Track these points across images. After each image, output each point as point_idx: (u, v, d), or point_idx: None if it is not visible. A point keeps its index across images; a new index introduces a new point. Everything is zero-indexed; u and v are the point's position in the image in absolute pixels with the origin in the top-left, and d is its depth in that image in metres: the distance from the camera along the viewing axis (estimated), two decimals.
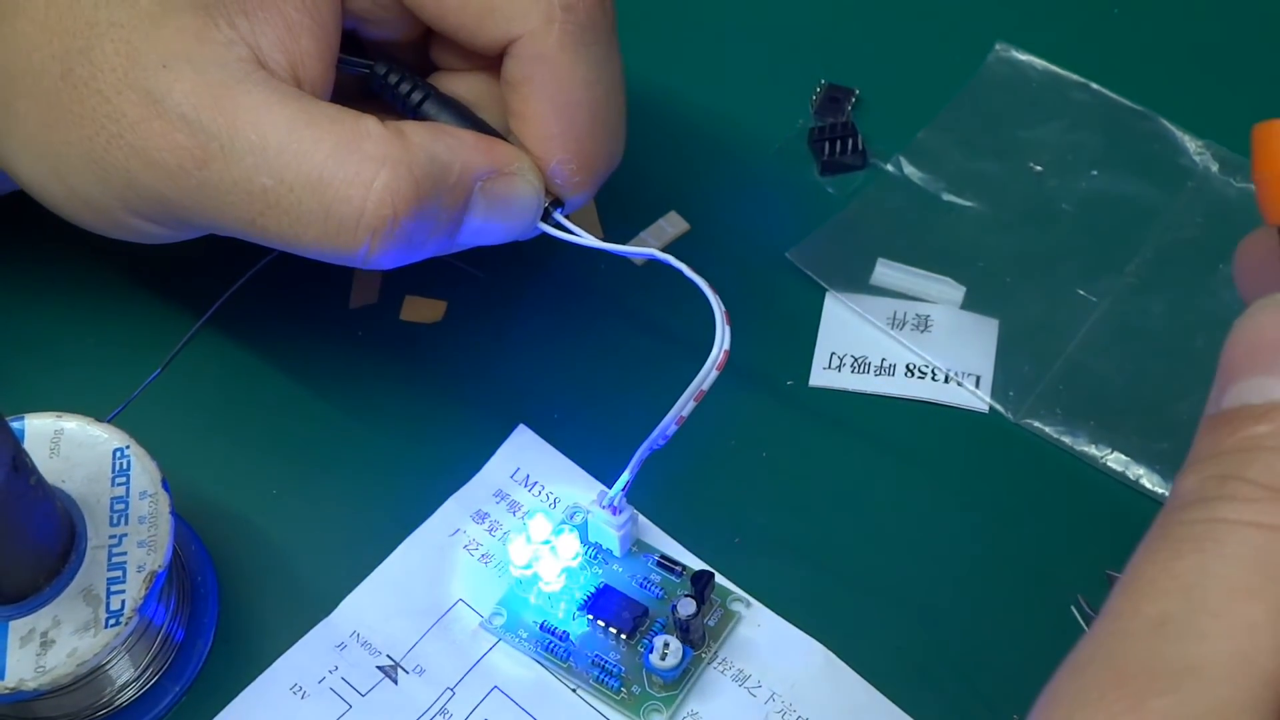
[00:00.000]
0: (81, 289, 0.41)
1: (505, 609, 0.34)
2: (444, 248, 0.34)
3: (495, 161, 0.33)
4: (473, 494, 0.37)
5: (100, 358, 0.40)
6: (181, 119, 0.31)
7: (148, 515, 0.32)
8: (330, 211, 0.31)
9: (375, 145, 0.31)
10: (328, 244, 0.32)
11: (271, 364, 0.40)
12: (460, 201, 0.33)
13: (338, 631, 0.34)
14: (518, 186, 0.33)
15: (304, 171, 0.31)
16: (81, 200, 0.33)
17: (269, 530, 0.37)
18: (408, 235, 0.32)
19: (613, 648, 0.34)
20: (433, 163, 0.32)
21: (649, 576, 0.35)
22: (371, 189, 0.31)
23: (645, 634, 0.34)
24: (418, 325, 0.40)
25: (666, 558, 0.35)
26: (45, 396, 0.36)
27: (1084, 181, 0.42)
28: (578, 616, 0.34)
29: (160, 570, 0.31)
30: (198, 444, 0.38)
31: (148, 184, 0.32)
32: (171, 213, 0.33)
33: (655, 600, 0.34)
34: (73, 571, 0.31)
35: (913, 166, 0.43)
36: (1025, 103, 0.44)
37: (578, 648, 0.34)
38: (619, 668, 0.33)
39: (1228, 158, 0.42)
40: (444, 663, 0.34)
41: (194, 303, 0.40)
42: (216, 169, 0.31)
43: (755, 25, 0.47)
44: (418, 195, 0.31)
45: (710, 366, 0.31)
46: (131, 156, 0.32)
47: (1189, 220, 0.41)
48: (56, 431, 0.33)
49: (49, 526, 0.31)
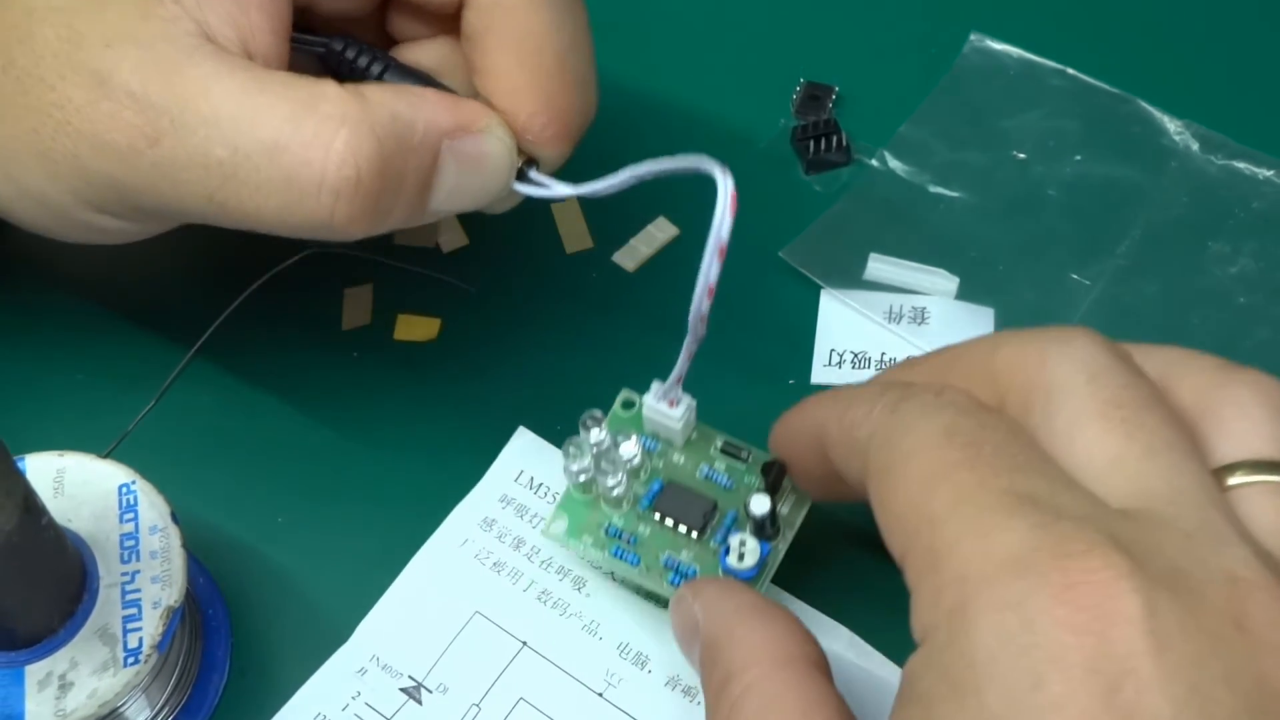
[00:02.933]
0: (67, 325, 0.40)
1: (566, 514, 0.33)
2: (416, 215, 0.32)
3: (461, 119, 0.32)
4: (478, 502, 0.36)
5: (91, 394, 0.39)
6: (129, 96, 0.30)
7: (159, 550, 0.32)
8: (291, 177, 0.30)
9: (333, 105, 0.30)
10: (292, 212, 0.30)
11: (266, 390, 0.39)
12: (428, 162, 0.31)
13: (357, 656, 0.34)
14: (488, 144, 0.32)
15: (260, 138, 0.30)
16: (34, 199, 0.32)
17: (277, 558, 0.36)
18: (374, 198, 0.30)
19: (684, 546, 0.32)
20: (395, 120, 0.30)
21: (714, 465, 0.33)
22: (332, 149, 0.30)
23: (716, 528, 0.32)
24: (412, 344, 0.40)
25: (731, 443, 0.34)
26: (38, 436, 0.35)
27: (1068, 167, 0.42)
28: (643, 516, 0.33)
29: (177, 605, 0.31)
30: (197, 475, 0.37)
31: (99, 169, 0.31)
32: (127, 199, 0.32)
33: (724, 490, 0.33)
34: (86, 612, 0.31)
35: (897, 160, 0.43)
36: (1004, 92, 0.44)
37: (648, 549, 0.32)
38: (692, 568, 0.32)
39: (1208, 136, 0.42)
40: (468, 678, 0.33)
41: (182, 333, 0.40)
42: (169, 145, 0.30)
43: (730, 28, 0.47)
44: (381, 154, 0.30)
45: (712, 253, 0.29)
46: (80, 142, 0.31)
47: (1175, 200, 0.41)
48: (59, 470, 0.33)
49: (61, 567, 0.30)
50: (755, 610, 0.29)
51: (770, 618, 0.28)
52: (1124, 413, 0.25)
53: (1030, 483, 0.24)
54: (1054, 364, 0.26)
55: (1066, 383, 0.26)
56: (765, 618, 0.28)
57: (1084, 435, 0.25)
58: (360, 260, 0.41)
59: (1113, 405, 0.25)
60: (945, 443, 0.25)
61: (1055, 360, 0.26)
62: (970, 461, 0.25)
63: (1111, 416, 0.25)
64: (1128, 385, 0.26)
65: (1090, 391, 0.26)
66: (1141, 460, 0.25)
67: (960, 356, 0.29)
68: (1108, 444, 0.25)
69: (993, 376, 0.27)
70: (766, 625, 0.28)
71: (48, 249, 0.41)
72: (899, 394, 0.27)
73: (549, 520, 0.33)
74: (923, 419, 0.26)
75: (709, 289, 0.30)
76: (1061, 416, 0.26)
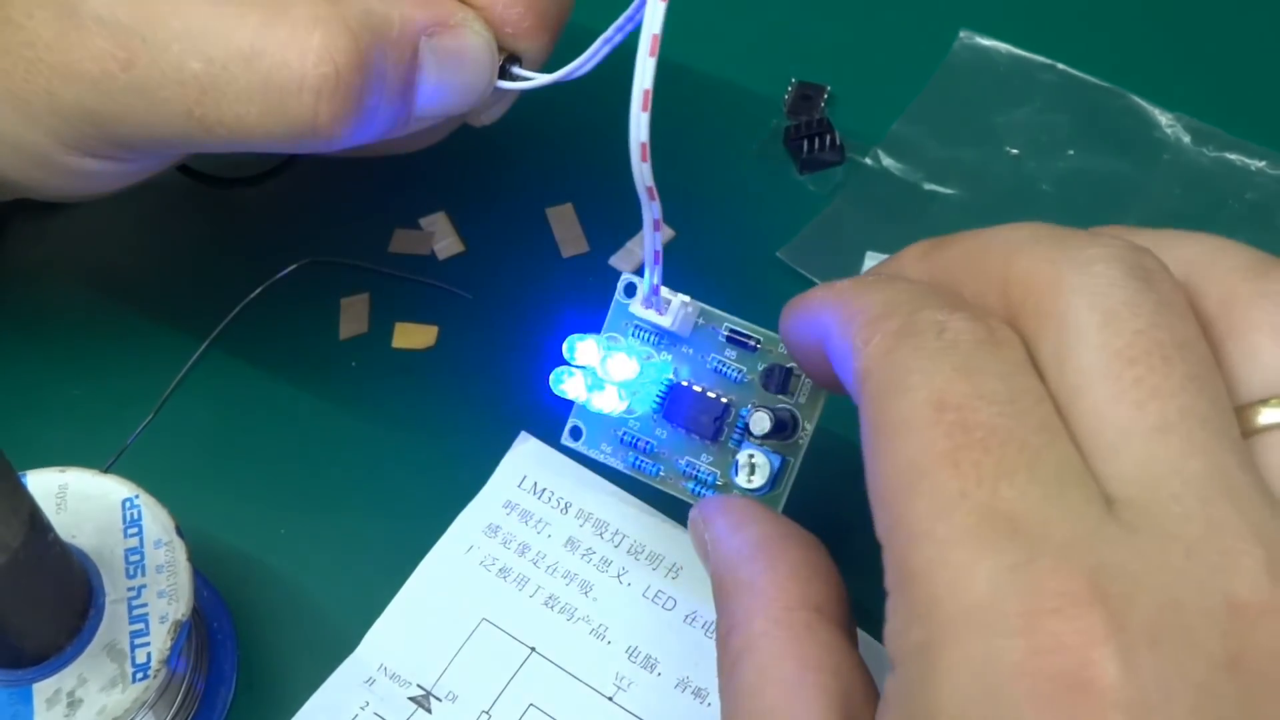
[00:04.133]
0: (63, 340, 0.40)
1: (582, 422, 0.32)
2: (402, 117, 0.32)
3: (437, 14, 0.31)
4: (482, 508, 0.36)
5: (88, 408, 0.39)
6: (98, 22, 0.30)
7: (165, 564, 0.31)
8: (270, 81, 0.30)
9: (305, 8, 0.30)
10: (274, 119, 0.30)
11: (265, 402, 0.39)
12: (406, 58, 0.31)
13: (364, 666, 0.34)
14: (466, 38, 0.32)
15: (234, 46, 0.30)
16: (10, 146, 0.32)
17: (281, 570, 0.36)
18: (356, 96, 0.30)
19: (702, 450, 0.32)
20: (369, 16, 0.30)
21: (723, 355, 0.32)
22: (308, 48, 0.29)
23: (733, 428, 0.31)
24: (411, 352, 0.40)
25: (736, 330, 0.32)
26: (36, 451, 0.35)
27: (1061, 162, 0.42)
28: (656, 420, 0.32)
29: (185, 619, 0.31)
30: (197, 488, 0.37)
31: (75, 102, 0.31)
32: (106, 132, 0.31)
33: (735, 386, 0.31)
34: (93, 628, 0.30)
35: (891, 159, 0.43)
36: (995, 88, 0.44)
37: (665, 456, 0.32)
38: (712, 475, 0.31)
39: (1199, 128, 0.42)
40: (477, 685, 0.33)
41: (178, 347, 0.40)
42: (143, 65, 0.30)
43: (721, 29, 0.47)
44: (358, 48, 0.30)
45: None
46: (53, 78, 0.30)
47: (1168, 192, 0.41)
48: (61, 486, 0.32)
49: (67, 584, 0.30)
50: (762, 548, 0.28)
51: (776, 557, 0.27)
52: (1137, 371, 0.23)
53: (1016, 492, 0.22)
54: (1068, 294, 0.24)
55: (1078, 323, 0.23)
56: (772, 557, 0.27)
57: (1091, 397, 0.23)
58: (356, 269, 0.41)
59: (1126, 361, 0.23)
60: (935, 419, 0.23)
61: (1069, 289, 0.24)
62: (955, 457, 0.23)
63: (1123, 377, 0.23)
64: (1146, 330, 0.23)
65: (1102, 340, 0.23)
66: (1150, 438, 0.22)
67: (983, 251, 0.26)
68: (1116, 414, 0.23)
69: (1006, 287, 0.25)
70: (773, 567, 0.27)
71: (41, 259, 0.42)
72: (900, 323, 0.25)
73: (566, 429, 0.32)
74: (918, 374, 0.24)
75: (642, 147, 0.27)
76: (1070, 366, 0.23)
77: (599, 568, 0.35)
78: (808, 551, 0.28)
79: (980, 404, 0.23)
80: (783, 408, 0.31)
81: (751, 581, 0.27)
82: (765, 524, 0.29)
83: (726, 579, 0.28)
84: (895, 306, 0.25)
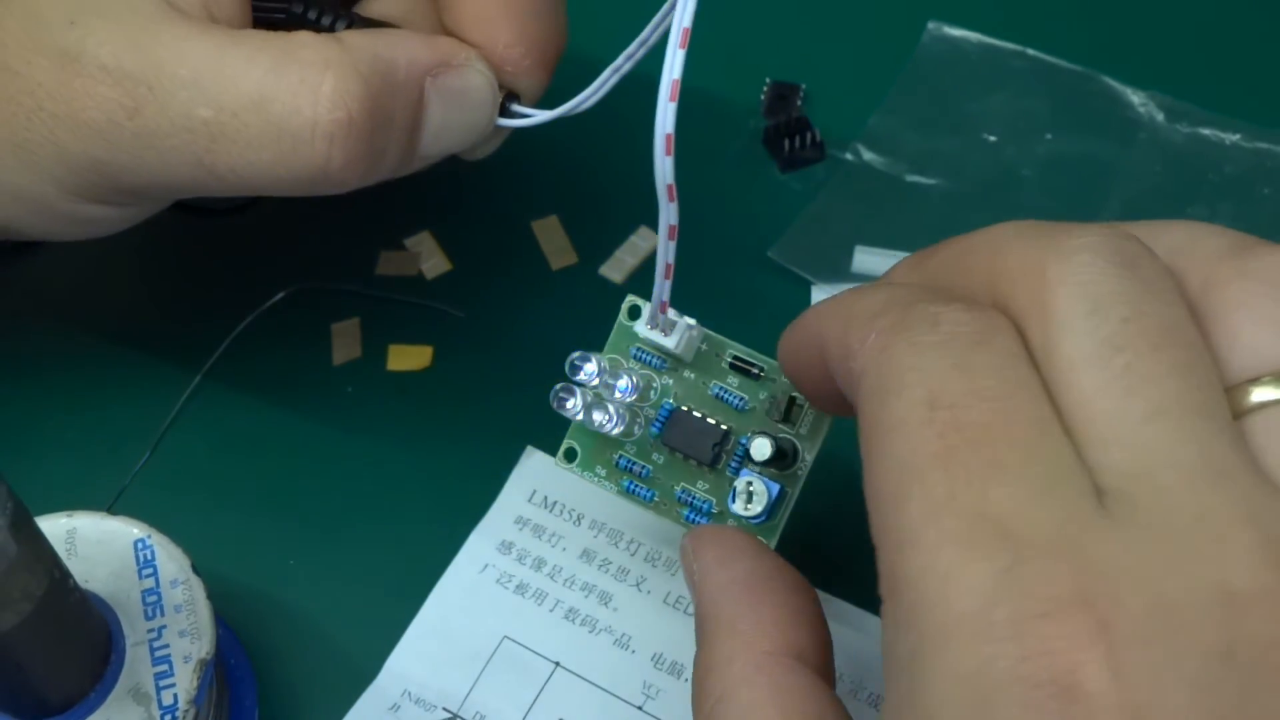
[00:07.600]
0: (52, 379, 0.39)
1: (576, 443, 0.32)
2: (407, 158, 0.32)
3: (441, 55, 0.31)
4: (493, 525, 0.36)
5: (83, 449, 0.38)
6: (102, 70, 0.29)
7: (183, 603, 0.31)
8: (282, 127, 0.29)
9: (313, 52, 0.30)
10: (285, 164, 0.30)
11: (263, 433, 0.39)
12: (414, 99, 0.31)
13: (387, 694, 0.33)
14: (469, 77, 0.32)
15: (244, 92, 0.29)
16: (11, 195, 0.31)
17: (293, 602, 0.36)
18: (368, 141, 0.30)
19: (698, 477, 0.31)
20: (377, 60, 0.30)
21: (726, 382, 0.31)
22: (320, 93, 0.29)
23: (732, 455, 0.31)
24: (407, 373, 0.40)
25: (740, 358, 0.32)
26: (32, 495, 0.34)
27: (1039, 146, 0.43)
28: (655, 444, 0.31)
29: (209, 657, 0.30)
30: (202, 524, 0.36)
31: (80, 151, 0.30)
32: (113, 180, 0.31)
33: (737, 413, 0.31)
34: (115, 673, 0.30)
35: (871, 152, 0.43)
36: (967, 77, 0.44)
37: (661, 481, 0.31)
38: (707, 502, 0.31)
39: (1172, 105, 0.43)
40: (504, 704, 0.33)
41: (169, 382, 0.39)
42: (150, 113, 0.29)
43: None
44: (369, 93, 0.30)
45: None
46: (56, 126, 0.30)
47: (1148, 170, 0.42)
48: (69, 531, 0.32)
49: (89, 629, 0.29)
50: (749, 587, 0.27)
51: (761, 599, 0.27)
52: (1125, 358, 0.22)
53: (1005, 493, 0.22)
54: (1054, 284, 0.24)
55: (1065, 312, 0.23)
56: (757, 598, 0.27)
57: (1080, 386, 0.23)
58: (344, 294, 0.40)
59: (1113, 348, 0.23)
60: (927, 419, 0.23)
61: (1055, 279, 0.24)
62: (945, 458, 0.22)
63: (1112, 365, 0.22)
64: (1133, 317, 0.23)
65: (1089, 327, 0.23)
66: (1140, 426, 0.22)
67: (969, 251, 0.26)
68: (1105, 402, 0.22)
69: (995, 280, 0.25)
70: (756, 609, 0.27)
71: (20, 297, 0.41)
72: (895, 319, 0.25)
73: (560, 450, 0.32)
74: (913, 371, 0.24)
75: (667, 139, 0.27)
76: (1058, 355, 0.23)
77: (617, 577, 0.35)
78: (793, 595, 0.27)
79: (973, 401, 0.23)
80: (784, 437, 0.31)
81: (733, 622, 0.27)
82: (754, 560, 0.28)
83: (709, 616, 0.27)
84: (889, 304, 0.25)
